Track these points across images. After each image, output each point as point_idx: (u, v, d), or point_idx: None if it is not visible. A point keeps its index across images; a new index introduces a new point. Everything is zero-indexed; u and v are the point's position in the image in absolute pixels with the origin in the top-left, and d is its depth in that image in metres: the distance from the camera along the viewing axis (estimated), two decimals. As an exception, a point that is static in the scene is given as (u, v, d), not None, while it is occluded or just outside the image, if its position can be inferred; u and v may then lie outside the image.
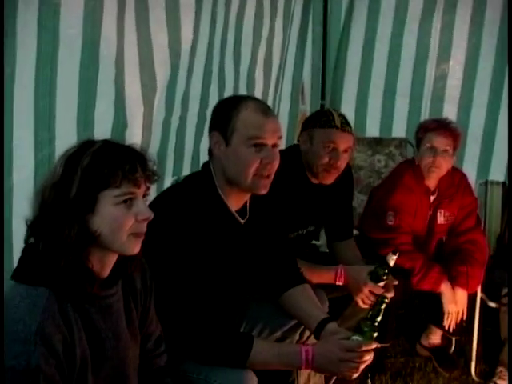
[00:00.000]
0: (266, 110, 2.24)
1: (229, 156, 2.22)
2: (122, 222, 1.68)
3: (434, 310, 3.53)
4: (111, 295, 1.78)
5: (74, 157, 1.67)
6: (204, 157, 3.47)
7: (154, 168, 1.74)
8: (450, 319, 3.34)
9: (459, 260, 3.43)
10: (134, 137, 2.87)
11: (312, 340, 2.50)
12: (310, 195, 3.08)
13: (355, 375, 2.17)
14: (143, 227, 1.73)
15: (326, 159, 2.94)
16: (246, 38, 3.64)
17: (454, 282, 3.34)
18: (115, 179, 1.65)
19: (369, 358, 2.14)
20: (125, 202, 1.67)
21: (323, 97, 4.59)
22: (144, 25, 2.82)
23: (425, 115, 4.35)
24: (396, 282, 2.84)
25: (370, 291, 2.82)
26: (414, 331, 3.91)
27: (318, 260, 3.12)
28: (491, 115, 4.28)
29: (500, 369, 3.54)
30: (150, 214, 1.72)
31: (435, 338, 3.79)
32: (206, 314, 2.19)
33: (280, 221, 2.58)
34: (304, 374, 2.68)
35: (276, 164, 2.24)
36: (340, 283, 2.97)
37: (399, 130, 4.45)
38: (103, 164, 1.65)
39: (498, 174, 4.28)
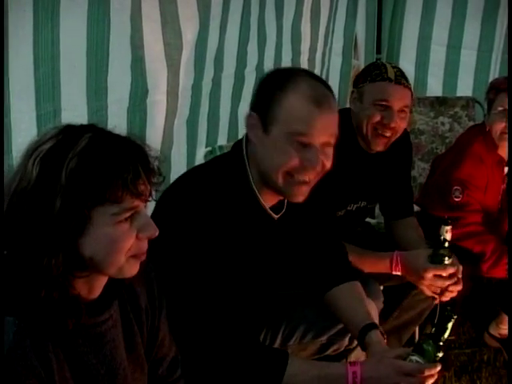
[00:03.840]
0: (320, 98, 1.85)
1: (265, 146, 1.87)
2: (121, 243, 1.33)
3: (507, 295, 3.12)
4: (103, 322, 1.43)
5: (54, 156, 1.28)
6: (241, 124, 3.25)
7: (157, 167, 1.37)
8: None
9: None
10: (157, 104, 2.61)
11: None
12: (362, 165, 2.73)
13: None
14: (145, 246, 1.38)
15: (378, 118, 2.58)
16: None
17: None
18: (114, 192, 1.28)
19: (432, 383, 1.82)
20: (125, 219, 1.32)
21: (379, 51, 4.32)
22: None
23: (495, 71, 4.07)
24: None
25: (434, 276, 2.48)
26: (482, 318, 3.57)
27: (373, 241, 2.87)
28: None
29: None
30: (156, 231, 1.37)
31: (506, 327, 3.41)
32: (233, 328, 1.88)
33: (325, 201, 2.23)
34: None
35: (321, 169, 1.89)
36: (397, 272, 2.64)
37: (465, 88, 4.16)
38: (97, 170, 1.27)
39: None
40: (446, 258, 2.45)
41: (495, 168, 3.11)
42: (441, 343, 1.84)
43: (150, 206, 1.63)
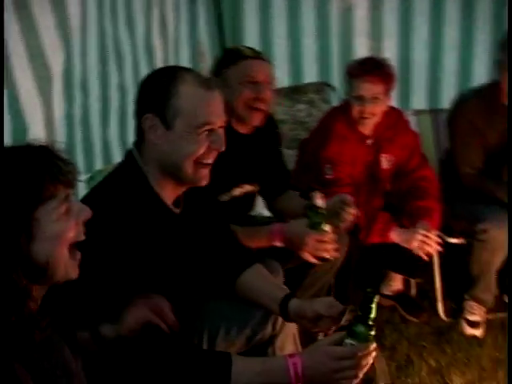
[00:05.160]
0: (207, 83, 1.95)
1: (170, 142, 1.92)
2: (66, 234, 1.37)
3: (389, 256, 3.39)
4: (47, 325, 1.42)
5: None
6: (114, 146, 3.24)
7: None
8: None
9: (415, 197, 3.31)
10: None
11: (289, 326, 2.27)
12: (237, 147, 2.73)
13: (355, 383, 1.85)
14: (82, 230, 1.43)
15: (248, 94, 2.69)
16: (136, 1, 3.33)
17: (416, 218, 3.19)
18: (48, 188, 1.33)
19: (368, 361, 1.83)
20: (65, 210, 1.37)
21: None
22: (24, 9, 2.46)
23: (338, 55, 4.18)
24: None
25: (316, 241, 2.61)
26: (372, 284, 3.66)
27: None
28: (404, 44, 4.17)
29: (469, 303, 3.45)
30: (89, 211, 1.43)
31: (396, 284, 3.68)
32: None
33: (212, 188, 2.24)
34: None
35: (222, 150, 1.98)
36: (277, 243, 2.71)
37: (311, 74, 4.24)
38: (25, 173, 1.32)
39: (419, 101, 4.21)
40: (323, 224, 2.55)
41: (359, 143, 3.27)
42: (370, 322, 1.83)
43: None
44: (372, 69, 3.15)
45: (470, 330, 3.42)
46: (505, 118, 3.31)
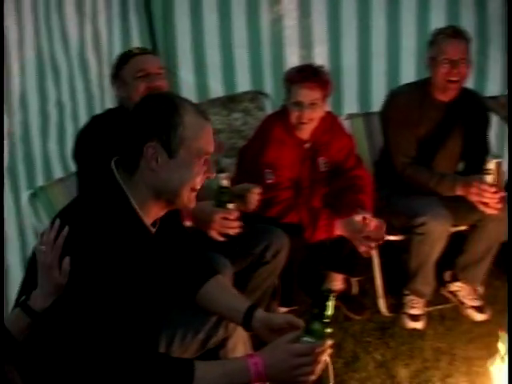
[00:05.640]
0: (203, 113, 2.00)
1: (171, 169, 1.94)
2: None
3: (329, 256, 3.51)
4: None
5: None
6: (54, 162, 3.22)
7: None
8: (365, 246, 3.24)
9: (351, 191, 3.42)
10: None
11: (240, 330, 2.34)
12: None
13: (312, 378, 1.93)
14: None
15: (143, 86, 2.82)
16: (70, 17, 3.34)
17: (351, 210, 3.27)
18: None
19: (324, 358, 1.93)
20: None
21: None
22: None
23: (268, 65, 4.20)
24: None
25: (222, 218, 2.73)
26: (314, 283, 3.81)
27: None
28: (334, 51, 4.24)
29: (409, 298, 3.57)
30: None
31: (337, 283, 3.74)
32: (134, 342, 1.89)
33: None
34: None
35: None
36: (188, 223, 2.76)
37: (245, 83, 4.25)
38: None
39: (351, 106, 4.26)
40: (229, 203, 2.66)
41: (297, 148, 3.34)
42: (325, 320, 1.91)
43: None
44: (310, 76, 3.24)
45: (411, 324, 3.53)
46: (436, 111, 3.49)
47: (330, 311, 1.91)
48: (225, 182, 2.60)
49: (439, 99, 3.49)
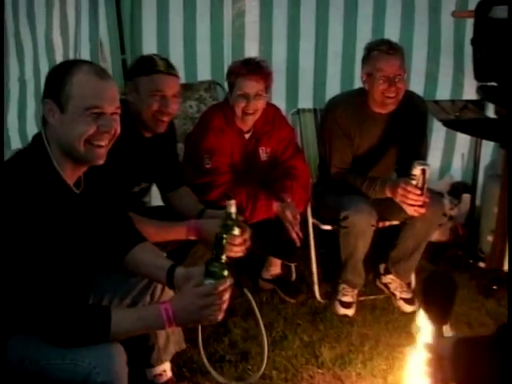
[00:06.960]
0: (101, 73, 2.13)
1: (64, 124, 2.09)
2: None
3: (267, 241, 3.60)
4: None
5: None
6: (13, 135, 3.35)
7: None
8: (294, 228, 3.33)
9: (283, 178, 3.53)
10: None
11: (167, 296, 2.47)
12: (142, 150, 3.01)
13: (220, 317, 2.14)
14: None
15: (156, 107, 2.88)
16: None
17: (280, 192, 3.41)
18: None
19: (228, 296, 2.13)
20: None
21: (123, 51, 4.42)
22: None
23: (228, 57, 4.40)
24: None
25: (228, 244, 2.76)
26: (253, 268, 3.99)
27: (150, 216, 3.01)
28: (293, 49, 4.43)
29: (342, 286, 3.72)
30: None
31: (275, 268, 3.90)
32: (56, 291, 2.05)
33: (114, 181, 2.45)
34: (162, 334, 2.68)
35: (115, 132, 2.16)
36: (192, 237, 2.92)
37: (204, 73, 4.45)
38: None
39: (306, 101, 4.43)
40: (235, 228, 2.70)
41: (236, 137, 3.48)
42: (222, 261, 2.12)
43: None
44: (255, 69, 3.37)
45: (342, 310, 3.66)
46: (375, 125, 3.59)
47: (224, 252, 2.11)
48: (233, 209, 2.66)
49: (378, 112, 3.57)
